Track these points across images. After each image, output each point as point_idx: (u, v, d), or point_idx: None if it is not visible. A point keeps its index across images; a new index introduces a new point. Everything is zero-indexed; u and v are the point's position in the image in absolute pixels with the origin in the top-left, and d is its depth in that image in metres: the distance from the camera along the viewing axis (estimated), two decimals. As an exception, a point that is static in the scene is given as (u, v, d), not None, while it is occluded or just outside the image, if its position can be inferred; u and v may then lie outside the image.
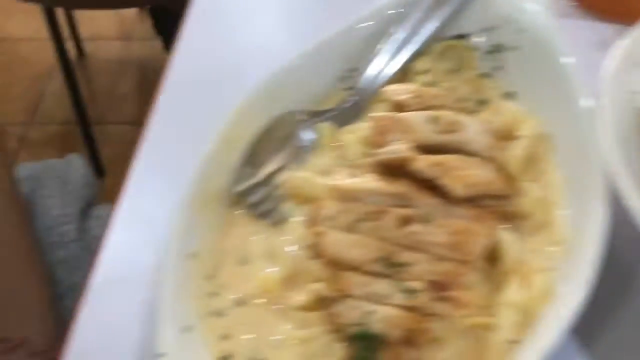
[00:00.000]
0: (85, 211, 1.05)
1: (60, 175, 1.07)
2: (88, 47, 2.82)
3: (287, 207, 0.77)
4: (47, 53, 2.66)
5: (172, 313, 0.61)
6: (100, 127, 2.49)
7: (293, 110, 0.85)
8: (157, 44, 2.50)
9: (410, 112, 0.77)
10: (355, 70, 0.90)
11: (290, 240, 0.73)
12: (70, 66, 2.32)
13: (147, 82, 2.70)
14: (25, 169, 1.11)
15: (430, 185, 0.71)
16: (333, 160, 0.80)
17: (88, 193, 1.09)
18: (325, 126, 0.81)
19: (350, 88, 0.87)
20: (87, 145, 2.37)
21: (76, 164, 1.12)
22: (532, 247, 0.70)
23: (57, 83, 2.70)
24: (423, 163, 0.70)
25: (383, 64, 0.88)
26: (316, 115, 0.86)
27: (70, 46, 2.60)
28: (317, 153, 0.83)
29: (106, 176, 2.32)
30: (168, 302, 0.61)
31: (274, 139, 0.82)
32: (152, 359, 0.57)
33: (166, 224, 0.70)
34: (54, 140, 2.60)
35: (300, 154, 0.82)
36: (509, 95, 0.87)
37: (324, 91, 0.88)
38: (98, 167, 2.35)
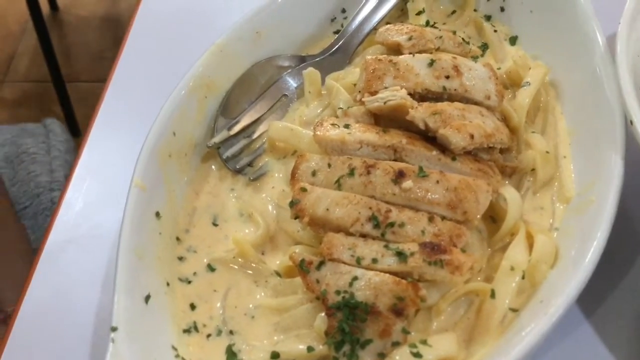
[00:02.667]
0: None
1: (44, 141, 1.07)
2: (62, 2, 2.67)
3: (266, 161, 0.69)
4: (19, 8, 2.51)
5: (132, 280, 0.54)
6: (75, 85, 2.37)
7: (276, 55, 0.76)
8: (135, -3, 2.37)
9: (406, 55, 0.68)
10: (346, 11, 0.81)
11: (268, 198, 0.66)
12: (43, 22, 2.19)
13: (123, 38, 2.58)
14: (1, 132, 1.10)
15: (426, 136, 0.63)
16: (319, 110, 0.72)
17: (71, 159, 1.09)
18: (311, 72, 0.72)
19: (339, 31, 0.79)
20: (62, 104, 2.26)
21: (56, 129, 1.13)
22: (536, 204, 0.63)
23: (30, 40, 2.57)
24: (421, 111, 0.62)
25: (376, 2, 0.78)
26: (301, 61, 0.76)
27: (44, 1, 2.46)
28: (301, 102, 0.74)
29: (82, 135, 2.21)
30: (127, 268, 0.53)
31: (255, 86, 0.73)
32: (107, 331, 0.50)
33: (127, 180, 0.63)
34: (28, 99, 2.48)
35: (283, 102, 0.74)
36: (512, 40, 0.79)
37: (312, 34, 0.79)
38: (73, 127, 2.25)
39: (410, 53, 0.69)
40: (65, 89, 2.29)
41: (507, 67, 0.72)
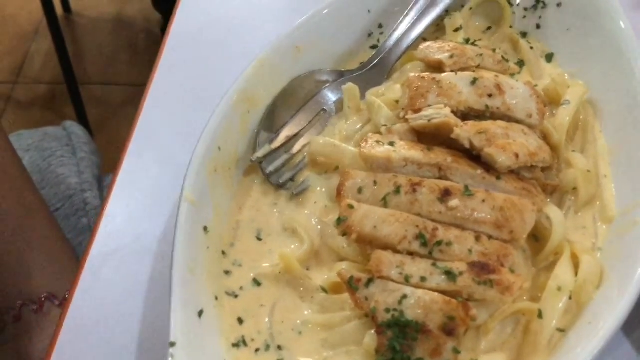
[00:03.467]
0: (97, 178, 1.04)
1: (67, 144, 1.07)
2: (76, 4, 2.68)
3: (307, 176, 0.70)
4: (34, 10, 2.51)
5: (187, 295, 0.54)
6: (87, 87, 2.38)
7: (315, 69, 0.77)
8: (147, 0, 2.37)
9: (449, 73, 0.68)
10: (383, 26, 0.82)
11: (311, 213, 0.66)
12: (58, 24, 2.19)
13: (136, 40, 2.58)
14: (22, 137, 1.10)
15: (470, 155, 0.64)
16: (359, 125, 0.72)
17: (97, 160, 1.09)
18: (350, 87, 0.73)
19: (377, 46, 0.79)
20: (74, 106, 2.26)
21: (77, 132, 1.12)
22: (578, 224, 0.63)
23: (44, 41, 2.57)
24: (467, 130, 0.63)
25: (413, 19, 0.79)
26: (340, 76, 0.77)
27: (57, 3, 2.47)
28: (340, 117, 0.75)
29: (94, 138, 2.21)
30: (181, 283, 0.54)
31: (295, 100, 0.74)
32: (164, 347, 0.50)
33: (170, 192, 0.63)
34: (40, 100, 2.49)
35: (322, 117, 0.75)
36: (548, 57, 0.79)
37: (349, 49, 0.79)
38: (86, 129, 2.25)
39: (452, 71, 0.70)
40: (79, 91, 2.30)
41: (545, 84, 0.73)
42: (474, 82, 0.67)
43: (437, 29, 0.81)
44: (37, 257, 0.83)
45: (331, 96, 0.75)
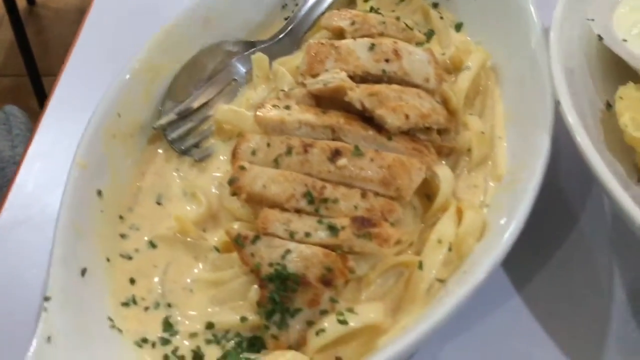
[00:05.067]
0: None
1: (4, 123, 1.12)
2: (39, -5, 2.67)
3: (212, 143, 0.71)
4: (-4, 2, 2.50)
5: (69, 253, 0.55)
6: (51, 79, 2.38)
7: (225, 40, 0.78)
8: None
9: (348, 40, 0.70)
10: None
11: (213, 178, 0.67)
12: (18, 15, 2.18)
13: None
14: None
15: (364, 117, 0.65)
16: (265, 93, 0.74)
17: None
18: (259, 57, 0.74)
19: (289, 17, 0.80)
20: (37, 98, 2.26)
21: (15, 113, 1.17)
22: (470, 182, 0.65)
23: (7, 33, 2.56)
24: (358, 93, 0.64)
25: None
26: (251, 46, 0.78)
27: (20, -6, 2.46)
28: (250, 86, 0.76)
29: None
30: (64, 242, 0.55)
31: (203, 71, 0.75)
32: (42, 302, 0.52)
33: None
34: (4, 93, 2.48)
35: (233, 87, 0.75)
36: (457, 26, 0.81)
37: (263, 20, 0.80)
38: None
39: (353, 38, 0.71)
40: (42, 83, 2.29)
41: (451, 52, 0.75)
42: (371, 47, 0.68)
43: (350, 0, 0.83)
44: None
45: (242, 67, 0.76)
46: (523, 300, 0.62)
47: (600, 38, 0.67)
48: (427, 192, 0.64)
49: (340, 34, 0.73)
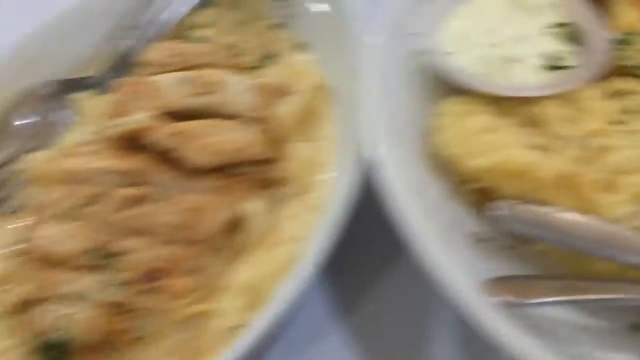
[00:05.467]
0: None
1: None
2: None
3: (29, 193, 0.67)
4: None
5: None
6: None
7: (48, 80, 0.73)
8: None
9: (162, 75, 0.66)
10: (127, 28, 0.79)
11: (16, 231, 0.63)
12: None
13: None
14: None
15: (170, 158, 0.61)
16: (88, 136, 0.69)
17: None
18: (85, 96, 0.70)
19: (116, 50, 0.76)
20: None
21: None
22: (288, 214, 0.61)
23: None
24: (160, 133, 0.60)
25: (158, 18, 0.76)
26: (73, 85, 0.74)
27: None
28: (75, 128, 0.72)
29: None
30: None
31: (18, 116, 0.71)
32: None
33: None
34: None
35: (52, 130, 0.71)
36: (300, 47, 0.77)
37: (88, 54, 0.76)
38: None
39: (171, 71, 0.67)
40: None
41: (281, 75, 0.71)
42: (185, 81, 0.64)
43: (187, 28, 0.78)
44: None
45: (62, 109, 0.72)
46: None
47: (421, 53, 0.64)
48: (236, 230, 0.60)
49: (162, 68, 0.69)
